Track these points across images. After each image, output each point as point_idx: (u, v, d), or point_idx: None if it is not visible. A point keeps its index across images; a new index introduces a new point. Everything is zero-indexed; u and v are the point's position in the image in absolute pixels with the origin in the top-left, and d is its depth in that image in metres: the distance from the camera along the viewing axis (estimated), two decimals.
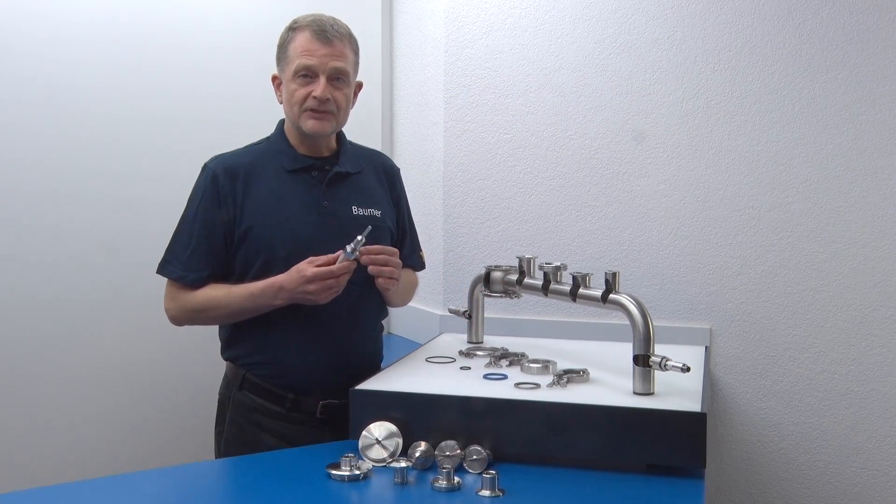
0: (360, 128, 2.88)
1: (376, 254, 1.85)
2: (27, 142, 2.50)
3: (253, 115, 2.37)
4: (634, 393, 1.63)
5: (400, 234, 2.09)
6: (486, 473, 1.44)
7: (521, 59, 2.56)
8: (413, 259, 2.13)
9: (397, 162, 2.95)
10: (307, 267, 1.78)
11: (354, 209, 1.95)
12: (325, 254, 1.81)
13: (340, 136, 2.05)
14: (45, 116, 2.51)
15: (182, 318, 1.93)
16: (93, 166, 2.58)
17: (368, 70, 2.96)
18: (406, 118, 2.96)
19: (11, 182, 2.48)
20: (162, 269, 1.92)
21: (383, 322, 2.10)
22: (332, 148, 2.01)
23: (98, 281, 2.60)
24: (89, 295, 2.59)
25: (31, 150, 2.50)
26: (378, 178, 2.07)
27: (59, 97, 2.53)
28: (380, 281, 1.87)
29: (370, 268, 1.85)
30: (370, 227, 1.82)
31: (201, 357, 2.42)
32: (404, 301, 2.16)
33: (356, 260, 1.80)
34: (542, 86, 2.54)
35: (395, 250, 1.90)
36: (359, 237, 1.78)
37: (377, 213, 1.99)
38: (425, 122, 2.80)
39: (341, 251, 1.79)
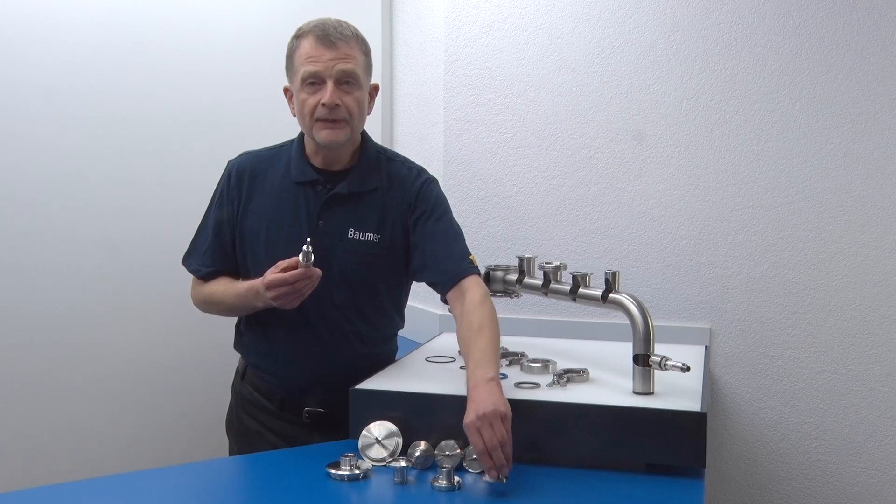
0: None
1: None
2: (30, 145, 2.49)
3: (258, 118, 2.35)
4: (634, 393, 1.64)
5: (412, 247, 1.92)
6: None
7: (521, 58, 2.56)
8: (456, 264, 1.85)
9: None
10: (269, 273, 1.74)
11: (350, 232, 1.86)
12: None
13: (364, 149, 1.92)
14: (47, 119, 2.50)
15: (200, 307, 1.99)
16: (97, 169, 2.57)
17: None
18: (406, 118, 2.96)
19: (15, 186, 2.48)
20: (184, 260, 1.98)
21: None
22: (347, 161, 1.90)
23: (109, 283, 2.59)
24: (100, 297, 2.59)
25: (34, 153, 2.50)
26: (397, 197, 1.90)
27: (60, 100, 2.52)
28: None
29: None
30: (309, 239, 1.71)
31: (214, 357, 2.42)
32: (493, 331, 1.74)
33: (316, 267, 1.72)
34: (542, 86, 2.54)
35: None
36: (304, 248, 1.70)
37: (375, 238, 1.87)
38: (425, 122, 2.80)
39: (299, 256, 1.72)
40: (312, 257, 1.70)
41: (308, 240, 1.71)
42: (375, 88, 1.92)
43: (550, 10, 2.52)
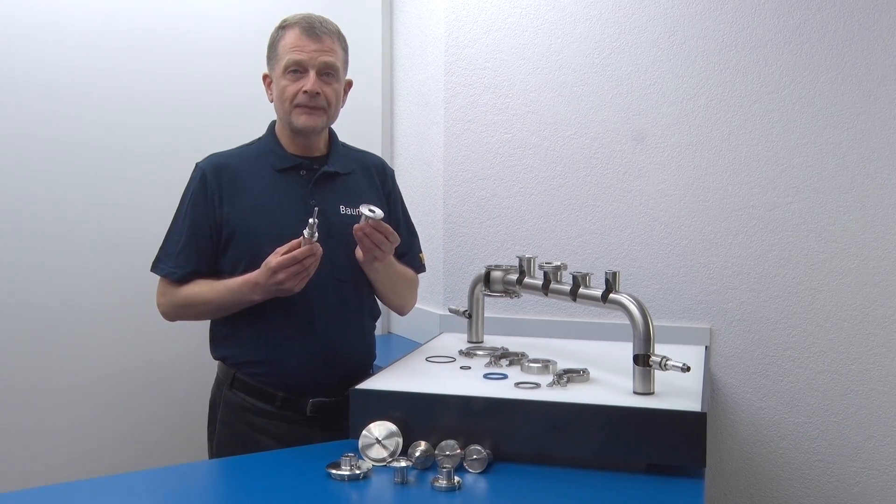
0: (361, 128, 2.88)
1: (375, 231, 1.83)
2: (25, 145, 2.49)
3: (251, 116, 2.37)
4: (634, 393, 1.63)
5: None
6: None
7: (521, 58, 2.56)
8: (410, 258, 2.12)
9: (397, 162, 2.97)
10: (272, 258, 1.79)
11: (342, 208, 1.95)
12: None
13: (332, 137, 2.06)
14: (43, 120, 2.51)
15: (171, 313, 1.98)
16: (87, 169, 2.57)
17: (368, 70, 2.97)
18: (406, 118, 2.96)
19: (13, 185, 2.48)
20: (154, 267, 1.97)
21: (381, 321, 2.10)
22: (322, 148, 2.02)
23: (92, 283, 2.60)
24: (82, 297, 2.59)
25: (28, 153, 2.50)
26: (369, 178, 2.06)
27: (56, 100, 2.52)
28: (358, 253, 1.89)
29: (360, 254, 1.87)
30: (317, 208, 1.81)
31: (197, 358, 2.42)
32: (401, 298, 2.11)
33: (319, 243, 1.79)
34: (542, 86, 2.54)
35: (395, 235, 1.88)
36: (311, 220, 1.77)
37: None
38: (425, 122, 2.80)
39: (302, 236, 1.78)
40: (317, 232, 1.77)
41: (316, 209, 1.79)
42: (349, 84, 2.03)
43: (550, 11, 2.52)
